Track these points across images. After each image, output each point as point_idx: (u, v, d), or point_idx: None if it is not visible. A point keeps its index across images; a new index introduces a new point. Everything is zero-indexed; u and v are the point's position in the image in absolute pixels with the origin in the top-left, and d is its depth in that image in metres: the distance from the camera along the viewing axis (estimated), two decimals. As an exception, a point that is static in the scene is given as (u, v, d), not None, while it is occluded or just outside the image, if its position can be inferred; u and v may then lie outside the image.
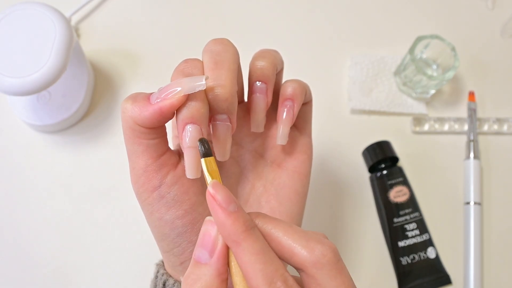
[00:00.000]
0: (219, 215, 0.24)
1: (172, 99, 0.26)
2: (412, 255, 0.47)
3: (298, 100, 0.32)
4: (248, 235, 0.24)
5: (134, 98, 0.28)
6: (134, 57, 0.53)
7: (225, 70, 0.28)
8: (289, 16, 0.56)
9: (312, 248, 0.24)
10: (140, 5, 0.55)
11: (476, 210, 0.49)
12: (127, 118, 0.28)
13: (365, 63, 0.53)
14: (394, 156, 0.49)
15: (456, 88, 0.54)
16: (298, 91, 0.32)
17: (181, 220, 0.29)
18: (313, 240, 0.24)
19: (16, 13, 0.43)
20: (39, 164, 0.49)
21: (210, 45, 0.29)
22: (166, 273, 0.32)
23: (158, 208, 0.29)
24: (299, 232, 0.25)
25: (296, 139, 0.35)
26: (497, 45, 0.56)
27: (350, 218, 0.49)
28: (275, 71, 0.32)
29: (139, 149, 0.29)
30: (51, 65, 0.41)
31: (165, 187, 0.29)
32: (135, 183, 0.29)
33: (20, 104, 0.48)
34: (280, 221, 0.25)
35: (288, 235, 0.24)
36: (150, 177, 0.29)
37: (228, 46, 0.29)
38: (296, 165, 0.35)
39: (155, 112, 0.27)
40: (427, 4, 0.57)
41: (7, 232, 0.47)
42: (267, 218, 0.25)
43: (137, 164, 0.29)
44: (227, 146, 0.29)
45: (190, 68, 0.28)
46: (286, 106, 0.32)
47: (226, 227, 0.24)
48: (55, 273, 0.46)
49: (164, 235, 0.30)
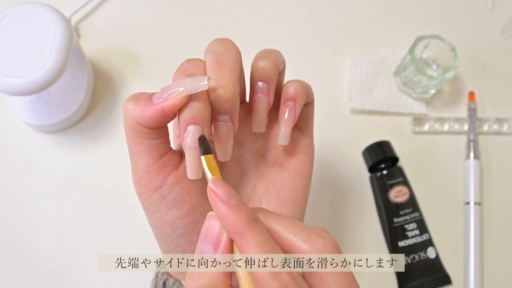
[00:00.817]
0: (222, 208, 0.24)
1: (174, 99, 0.26)
2: (412, 255, 0.47)
3: (300, 101, 0.32)
4: (252, 227, 0.24)
5: (136, 98, 0.28)
6: (134, 57, 0.53)
7: (227, 70, 0.28)
8: (289, 16, 0.56)
9: (313, 242, 0.24)
10: (140, 5, 0.55)
11: (476, 210, 0.49)
12: (129, 118, 0.28)
13: (365, 63, 0.53)
14: (394, 156, 0.49)
15: (456, 88, 0.54)
16: (300, 91, 0.32)
17: (183, 221, 0.29)
18: (314, 234, 0.24)
19: (16, 13, 0.43)
20: (39, 164, 0.49)
21: (212, 45, 0.29)
22: (166, 273, 0.32)
23: (159, 208, 0.29)
24: (300, 226, 0.25)
25: (298, 140, 0.35)
26: (497, 45, 0.56)
27: (350, 218, 0.49)
28: (277, 71, 0.32)
29: (140, 149, 0.29)
30: (51, 65, 0.41)
31: (167, 187, 0.29)
32: (137, 183, 0.29)
33: (20, 104, 0.48)
34: (281, 216, 0.26)
35: (289, 229, 0.25)
36: (151, 177, 0.29)
37: (230, 47, 0.29)
38: (298, 165, 0.34)
39: (157, 112, 0.27)
40: (427, 4, 0.57)
41: (7, 232, 0.47)
42: (268, 213, 0.26)
43: (138, 164, 0.29)
44: (228, 147, 0.29)
45: (192, 68, 0.28)
46: (288, 106, 0.32)
47: (229, 220, 0.24)
48: (55, 273, 0.46)
49: (165, 235, 0.30)
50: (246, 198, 0.34)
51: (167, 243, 0.30)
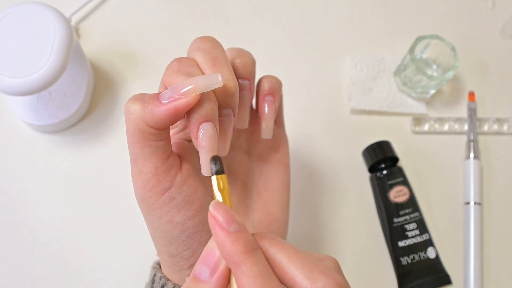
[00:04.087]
0: (219, 235, 0.23)
1: (188, 97, 0.26)
2: (412, 255, 0.47)
3: (277, 94, 0.33)
4: (247, 257, 0.23)
5: (141, 99, 0.27)
6: (134, 57, 0.53)
7: (224, 65, 0.28)
8: (289, 16, 0.56)
9: (315, 280, 0.23)
10: (140, 5, 0.55)
11: (476, 210, 0.49)
12: (136, 120, 0.27)
13: (365, 63, 0.53)
14: (394, 156, 0.49)
15: (456, 88, 0.54)
16: (277, 85, 0.33)
17: (192, 221, 0.29)
18: (317, 270, 0.23)
19: (16, 13, 0.43)
20: (39, 164, 0.49)
21: (198, 44, 0.29)
22: (164, 277, 0.32)
23: (168, 210, 0.29)
24: (304, 259, 0.24)
25: (275, 132, 0.36)
26: (497, 45, 0.56)
27: (350, 218, 0.49)
28: (255, 67, 0.32)
29: (148, 152, 0.28)
30: (51, 65, 0.41)
31: (175, 188, 0.29)
32: (142, 188, 0.29)
33: (20, 104, 0.48)
34: (286, 245, 0.24)
35: (292, 262, 0.23)
36: (160, 180, 0.28)
37: (216, 43, 0.29)
38: (279, 157, 0.36)
39: (169, 111, 0.26)
40: (427, 4, 0.57)
41: (7, 232, 0.47)
42: (273, 241, 0.25)
43: (145, 167, 0.28)
44: (229, 140, 0.29)
45: (187, 66, 0.28)
46: (267, 101, 0.33)
47: (225, 248, 0.23)
48: (55, 273, 0.46)
49: (174, 238, 0.29)
50: (238, 194, 0.35)
51: (175, 246, 0.30)
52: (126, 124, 0.28)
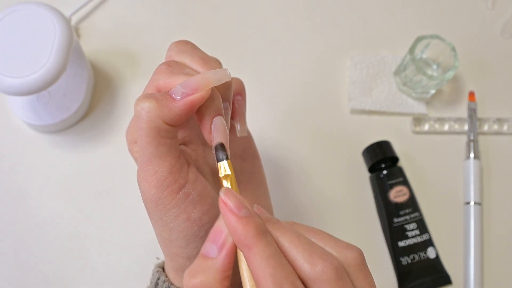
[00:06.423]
0: (231, 220, 0.24)
1: (202, 92, 0.27)
2: (412, 255, 0.47)
3: (244, 94, 0.35)
4: (259, 240, 0.24)
5: (154, 97, 0.27)
6: (134, 57, 0.53)
7: (214, 62, 0.29)
8: (289, 16, 0.56)
9: (314, 263, 0.23)
10: (140, 5, 0.55)
11: (476, 210, 0.49)
12: (152, 118, 0.27)
13: (365, 63, 0.53)
14: (394, 156, 0.49)
15: (456, 88, 0.54)
16: (242, 86, 0.35)
17: (208, 215, 0.29)
18: (316, 254, 0.24)
19: (16, 13, 0.43)
20: (39, 164, 0.49)
21: (178, 47, 0.31)
22: (168, 280, 0.32)
23: (185, 208, 0.29)
24: (305, 244, 0.24)
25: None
26: (497, 45, 0.56)
27: (350, 218, 0.49)
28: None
29: (163, 150, 0.28)
30: (51, 65, 0.41)
31: (190, 184, 0.29)
32: (158, 188, 0.28)
33: (20, 104, 0.48)
34: (287, 230, 0.25)
35: (293, 246, 0.24)
36: (176, 177, 0.28)
37: (194, 44, 0.31)
38: (252, 152, 0.37)
39: (186, 106, 0.27)
40: (427, 4, 0.57)
41: (6, 232, 0.47)
42: (277, 224, 0.25)
43: (161, 166, 0.28)
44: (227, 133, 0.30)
45: (180, 68, 0.29)
46: (238, 100, 0.34)
47: (237, 232, 0.24)
48: (54, 273, 0.46)
49: (193, 236, 0.29)
50: None
51: (194, 245, 0.29)
52: (140, 124, 0.27)
